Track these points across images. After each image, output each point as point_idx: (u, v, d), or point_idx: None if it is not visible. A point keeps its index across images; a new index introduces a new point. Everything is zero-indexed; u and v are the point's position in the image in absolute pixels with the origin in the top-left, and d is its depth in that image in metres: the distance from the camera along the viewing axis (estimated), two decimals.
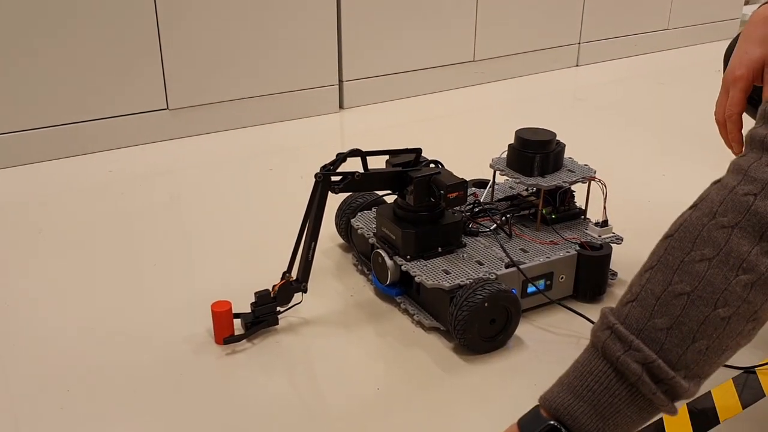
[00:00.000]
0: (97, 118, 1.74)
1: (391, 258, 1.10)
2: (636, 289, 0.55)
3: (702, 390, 0.95)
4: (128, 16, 1.68)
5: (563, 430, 0.54)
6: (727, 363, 0.98)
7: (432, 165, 1.11)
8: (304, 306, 1.11)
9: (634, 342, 0.52)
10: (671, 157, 1.75)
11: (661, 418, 0.90)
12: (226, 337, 1.03)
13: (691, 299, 0.52)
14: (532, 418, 0.57)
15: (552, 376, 0.94)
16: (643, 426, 0.56)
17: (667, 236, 0.56)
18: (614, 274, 1.18)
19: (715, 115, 0.89)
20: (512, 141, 1.18)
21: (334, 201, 1.13)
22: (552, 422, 0.54)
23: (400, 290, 1.13)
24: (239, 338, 1.04)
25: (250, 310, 1.06)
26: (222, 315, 1.03)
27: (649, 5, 2.63)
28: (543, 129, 1.19)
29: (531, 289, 1.10)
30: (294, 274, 1.07)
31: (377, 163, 1.10)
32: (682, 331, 0.52)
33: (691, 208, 0.57)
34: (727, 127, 0.86)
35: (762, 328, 1.06)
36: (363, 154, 1.07)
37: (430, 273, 1.06)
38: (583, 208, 1.22)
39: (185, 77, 1.80)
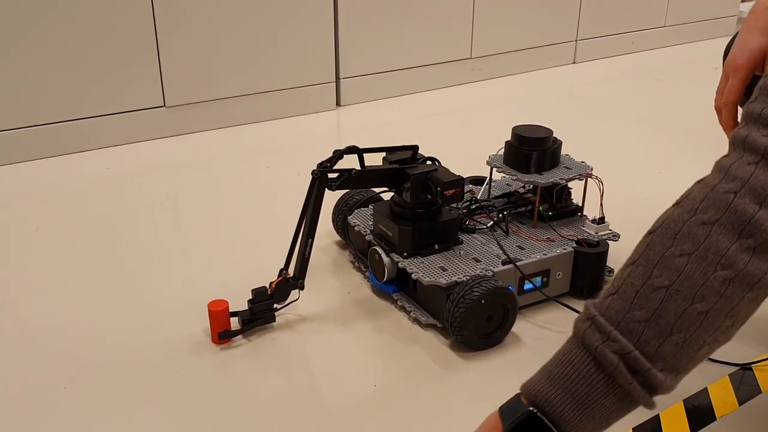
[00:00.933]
0: (93, 115, 1.73)
1: (387, 255, 1.10)
2: (618, 283, 0.56)
3: (699, 386, 0.96)
4: (125, 12, 1.68)
5: (543, 417, 0.54)
6: (723, 359, 0.99)
7: (429, 162, 1.11)
8: (300, 303, 1.11)
9: (612, 333, 0.53)
10: (668, 154, 1.75)
11: (658, 416, 0.91)
12: (221, 332, 1.03)
13: (670, 293, 0.53)
14: (513, 406, 0.57)
15: None
16: (621, 418, 0.56)
17: (650, 232, 0.57)
18: (611, 271, 1.18)
19: (714, 101, 0.89)
20: (509, 138, 1.19)
21: (330, 198, 1.13)
22: (531, 409, 0.55)
23: (397, 287, 1.13)
24: (235, 333, 1.04)
25: (247, 307, 1.06)
26: (219, 314, 1.03)
27: (645, 2, 2.63)
28: (540, 126, 1.19)
29: (528, 286, 1.10)
30: (291, 271, 1.07)
31: (374, 160, 1.10)
32: (660, 323, 0.53)
33: (674, 205, 0.58)
34: (723, 115, 0.86)
35: (758, 324, 1.06)
36: (360, 151, 1.07)
37: (426, 270, 1.06)
38: (580, 205, 1.22)
39: (182, 74, 1.80)
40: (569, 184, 1.20)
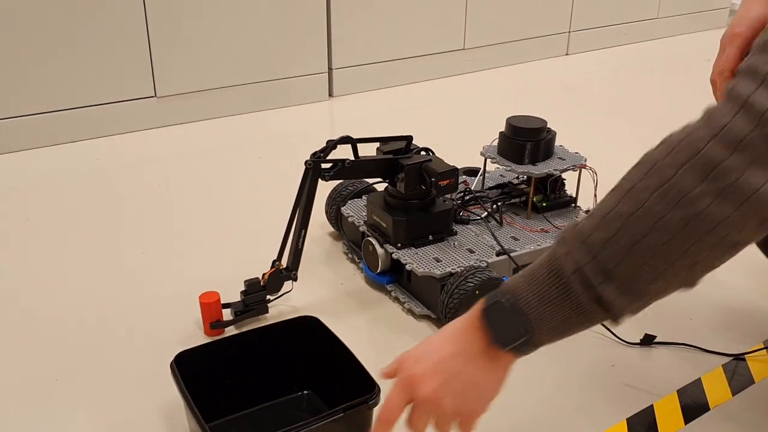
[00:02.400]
0: (84, 105, 1.72)
1: (381, 246, 1.10)
2: (595, 206, 0.62)
3: (692, 377, 0.96)
4: (115, 1, 1.67)
5: (514, 304, 0.62)
6: (717, 350, 0.99)
7: (423, 152, 1.11)
8: (293, 294, 1.11)
9: (573, 248, 0.59)
10: None
11: (652, 406, 0.91)
12: (213, 322, 1.03)
13: (630, 221, 0.58)
14: (494, 294, 0.65)
15: (542, 363, 0.93)
16: (579, 330, 0.62)
17: (634, 166, 0.62)
18: None
19: (710, 76, 0.88)
20: (503, 129, 1.18)
21: (324, 189, 1.12)
22: (506, 297, 0.63)
23: (391, 278, 1.13)
24: (227, 324, 1.04)
25: (240, 299, 1.05)
26: (210, 306, 1.02)
27: None
28: (534, 117, 1.19)
29: None
30: (284, 262, 1.06)
31: (368, 150, 1.09)
32: (617, 246, 0.58)
33: (657, 145, 0.62)
34: (718, 85, 0.86)
35: (752, 316, 1.06)
36: (353, 142, 1.07)
37: (420, 261, 1.05)
38: (574, 195, 1.22)
39: (173, 64, 1.79)
40: (563, 175, 1.20)
